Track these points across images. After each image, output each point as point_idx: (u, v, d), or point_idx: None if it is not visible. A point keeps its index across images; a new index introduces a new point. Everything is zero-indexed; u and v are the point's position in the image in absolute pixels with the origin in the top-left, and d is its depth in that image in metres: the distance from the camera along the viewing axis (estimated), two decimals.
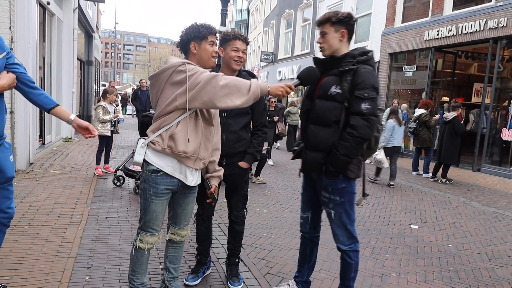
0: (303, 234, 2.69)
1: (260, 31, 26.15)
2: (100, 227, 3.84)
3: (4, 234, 2.39)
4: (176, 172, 2.20)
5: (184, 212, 2.41)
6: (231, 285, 2.82)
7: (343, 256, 2.46)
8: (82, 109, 13.43)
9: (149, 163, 2.18)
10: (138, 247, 2.28)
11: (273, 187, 6.50)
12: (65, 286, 2.61)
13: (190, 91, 2.05)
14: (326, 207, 2.45)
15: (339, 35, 2.32)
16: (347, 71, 2.24)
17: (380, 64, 12.56)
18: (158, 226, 2.29)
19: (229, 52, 2.62)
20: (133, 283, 2.35)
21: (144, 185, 2.23)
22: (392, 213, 5.35)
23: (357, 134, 2.19)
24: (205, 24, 2.26)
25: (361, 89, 2.20)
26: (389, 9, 12.29)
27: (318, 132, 2.33)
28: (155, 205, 2.22)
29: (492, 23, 8.71)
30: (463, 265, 3.68)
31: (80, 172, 6.23)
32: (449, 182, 7.76)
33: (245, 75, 2.75)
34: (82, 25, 12.36)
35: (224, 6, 7.26)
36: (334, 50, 2.34)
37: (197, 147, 2.20)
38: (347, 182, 2.37)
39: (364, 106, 2.19)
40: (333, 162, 2.26)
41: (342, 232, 2.42)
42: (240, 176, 2.80)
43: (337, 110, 2.26)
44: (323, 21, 2.34)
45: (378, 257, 3.71)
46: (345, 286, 2.50)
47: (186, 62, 2.11)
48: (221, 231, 3.98)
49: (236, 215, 2.88)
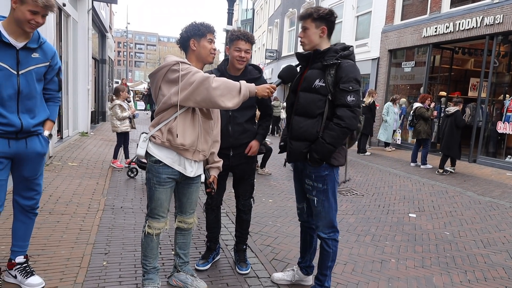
0: (302, 223, 2.70)
1: (264, 29, 25.98)
2: (116, 216, 3.88)
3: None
4: (175, 164, 2.24)
5: (188, 201, 2.44)
6: (239, 270, 2.84)
7: (322, 244, 2.42)
8: (97, 105, 13.50)
9: (151, 154, 2.22)
10: (147, 232, 2.32)
11: (278, 178, 6.52)
12: (84, 270, 2.66)
13: (183, 91, 2.08)
14: (309, 194, 2.41)
15: (319, 31, 2.30)
16: (330, 65, 2.24)
17: (380, 60, 12.44)
18: (164, 213, 2.32)
19: (232, 51, 2.63)
20: (146, 267, 2.39)
21: (148, 174, 2.28)
22: (391, 203, 5.34)
23: (344, 125, 2.20)
24: (204, 23, 2.28)
25: (346, 82, 2.19)
26: (388, 7, 12.14)
27: (301, 122, 2.32)
28: (159, 193, 2.25)
29: (488, 19, 8.57)
30: (459, 251, 3.67)
31: (96, 165, 6.29)
32: (446, 173, 7.71)
33: (251, 69, 2.75)
34: (96, 25, 12.37)
35: (230, 6, 7.21)
36: (314, 45, 2.33)
37: (195, 140, 2.23)
38: (330, 170, 2.34)
39: (350, 99, 2.20)
40: (319, 150, 2.24)
41: (323, 219, 2.39)
42: (247, 165, 2.81)
43: (321, 102, 2.26)
44: (305, 16, 2.31)
45: (378, 244, 3.72)
46: (322, 275, 2.45)
47: (180, 61, 2.12)
48: (229, 219, 4.00)
49: (244, 204, 2.89)
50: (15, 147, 2.19)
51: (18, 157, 2.23)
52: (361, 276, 3.01)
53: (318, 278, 2.49)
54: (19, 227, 2.40)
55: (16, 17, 2.05)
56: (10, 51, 2.09)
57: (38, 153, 2.30)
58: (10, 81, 2.09)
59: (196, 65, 2.27)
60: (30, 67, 2.17)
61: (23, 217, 2.39)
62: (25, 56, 2.14)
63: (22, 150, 2.22)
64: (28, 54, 2.16)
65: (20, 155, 2.23)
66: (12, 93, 2.11)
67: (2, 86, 2.08)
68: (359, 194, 5.70)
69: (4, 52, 2.07)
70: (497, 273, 3.22)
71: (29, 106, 2.21)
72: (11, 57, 2.09)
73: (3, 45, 2.07)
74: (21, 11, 2.03)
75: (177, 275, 2.53)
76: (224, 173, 2.70)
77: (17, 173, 2.30)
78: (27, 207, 2.38)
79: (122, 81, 18.24)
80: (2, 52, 2.07)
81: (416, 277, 3.06)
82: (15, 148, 2.19)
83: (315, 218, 2.44)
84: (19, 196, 2.35)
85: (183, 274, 2.52)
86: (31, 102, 2.22)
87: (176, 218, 2.50)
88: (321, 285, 2.47)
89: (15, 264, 2.41)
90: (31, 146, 2.25)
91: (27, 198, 2.36)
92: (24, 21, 2.05)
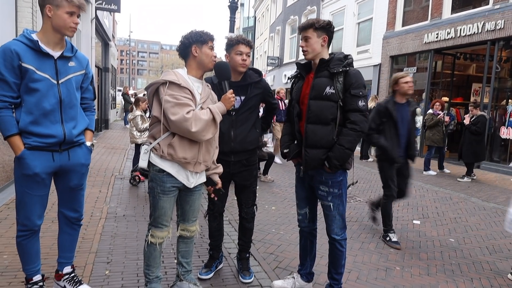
0: (302, 229, 2.70)
1: (266, 37, 26.12)
2: (119, 224, 3.87)
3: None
4: (178, 175, 2.24)
5: (191, 208, 2.43)
6: (243, 279, 2.82)
7: (336, 246, 2.48)
8: (100, 112, 13.56)
9: (154, 164, 2.23)
10: (150, 242, 2.30)
11: (281, 185, 6.49)
12: (87, 279, 2.64)
13: (164, 117, 2.14)
14: (324, 200, 2.46)
15: (321, 40, 2.38)
16: (339, 73, 2.32)
17: (381, 67, 12.46)
18: (167, 222, 2.31)
19: (234, 56, 2.62)
20: (149, 277, 2.37)
21: (152, 184, 2.27)
22: (395, 209, 5.29)
23: (359, 129, 2.30)
24: (205, 31, 2.32)
25: (356, 88, 2.30)
26: (389, 13, 12.19)
27: (317, 131, 2.37)
28: (163, 201, 2.25)
29: (489, 25, 8.58)
30: (465, 258, 3.63)
31: (99, 173, 6.29)
32: (469, 179, 7.56)
33: (251, 73, 2.76)
34: (99, 34, 12.49)
35: (232, 14, 7.29)
36: (316, 54, 2.40)
37: (196, 152, 2.24)
38: (344, 175, 2.45)
39: (361, 103, 2.31)
40: (338, 156, 2.31)
41: (338, 222, 2.46)
42: (249, 172, 2.79)
43: (333, 108, 2.34)
44: (306, 26, 2.39)
45: (382, 251, 3.68)
46: (338, 274, 2.53)
47: (170, 81, 2.13)
48: (232, 227, 3.98)
49: (246, 212, 2.87)
50: (59, 160, 2.18)
51: (62, 169, 2.22)
52: (366, 284, 2.98)
53: (334, 278, 2.53)
54: (65, 239, 2.42)
55: (55, 25, 2.05)
56: (49, 61, 2.09)
57: (82, 164, 2.30)
58: (52, 90, 2.09)
59: (196, 72, 2.30)
60: (69, 76, 2.17)
61: (68, 229, 2.40)
62: (63, 65, 2.14)
63: (65, 162, 2.21)
64: (65, 63, 2.16)
65: (64, 168, 2.22)
66: (55, 103, 2.11)
67: (44, 97, 2.07)
68: (362, 201, 5.67)
69: (44, 63, 2.07)
70: (504, 281, 3.18)
71: (71, 115, 2.20)
72: (50, 67, 2.09)
73: (42, 56, 2.06)
74: (59, 16, 2.03)
75: (180, 284, 2.51)
76: (225, 180, 2.68)
77: (62, 185, 2.30)
78: (73, 219, 2.39)
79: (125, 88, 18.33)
80: (41, 62, 2.06)
81: (422, 285, 3.02)
82: (58, 161, 2.18)
83: (329, 223, 2.48)
84: (65, 208, 2.36)
85: (186, 283, 2.49)
86: (73, 111, 2.22)
87: (178, 227, 2.48)
88: (338, 283, 2.53)
89: (62, 275, 2.43)
90: (74, 158, 2.24)
91: (73, 210, 2.37)
92: (65, 26, 2.05)
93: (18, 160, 2.09)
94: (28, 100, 2.06)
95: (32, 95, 2.05)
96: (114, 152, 8.73)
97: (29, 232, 2.20)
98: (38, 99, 2.06)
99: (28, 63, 2.01)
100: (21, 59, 1.99)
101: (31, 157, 2.08)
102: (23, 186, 2.12)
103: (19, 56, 1.99)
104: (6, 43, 2.03)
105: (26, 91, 2.05)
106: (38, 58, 2.05)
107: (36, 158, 2.09)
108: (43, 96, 2.07)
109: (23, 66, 2.00)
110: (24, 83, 2.04)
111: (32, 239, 2.23)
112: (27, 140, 2.07)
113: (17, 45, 2.01)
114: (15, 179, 2.15)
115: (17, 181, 2.14)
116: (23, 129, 2.06)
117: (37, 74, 2.04)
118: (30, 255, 2.25)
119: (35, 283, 2.29)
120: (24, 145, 2.07)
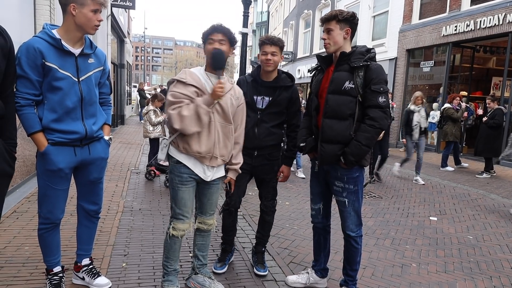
0: (315, 225, 2.68)
1: (280, 31, 25.95)
2: (135, 217, 3.93)
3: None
4: (195, 168, 2.29)
5: (209, 202, 2.45)
6: (257, 271, 2.83)
7: (351, 242, 2.45)
8: (116, 108, 13.76)
9: (172, 156, 2.30)
10: (171, 234, 2.33)
11: (294, 180, 6.47)
12: (104, 271, 2.69)
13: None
14: (339, 196, 2.43)
15: (343, 32, 2.30)
16: (359, 67, 2.24)
17: (397, 61, 12.23)
18: (188, 213, 2.34)
19: (260, 56, 2.69)
20: (167, 269, 2.40)
21: (171, 175, 2.33)
22: (411, 205, 5.22)
23: (378, 126, 2.23)
24: None
25: (377, 84, 2.22)
26: (406, 6, 11.93)
27: (333, 125, 2.31)
28: (182, 192, 2.28)
29: (511, 17, 8.30)
30: (484, 256, 3.55)
31: (115, 167, 6.40)
32: (488, 175, 7.41)
33: (284, 77, 2.78)
34: (114, 31, 12.64)
35: (246, 9, 7.23)
36: (338, 47, 2.32)
37: (211, 147, 2.26)
38: (360, 171, 2.40)
39: (381, 99, 2.23)
40: (355, 152, 2.25)
41: (353, 219, 2.42)
42: (270, 167, 2.82)
43: (352, 103, 2.27)
44: (329, 18, 2.30)
45: (398, 247, 3.63)
46: (353, 270, 2.50)
47: (177, 79, 2.24)
48: (245, 222, 4.00)
49: (266, 205, 2.90)
50: (80, 155, 2.22)
51: (83, 163, 2.27)
52: (381, 280, 2.94)
53: (348, 274, 2.52)
54: (84, 232, 2.48)
55: (78, 23, 2.06)
56: (70, 59, 2.09)
57: (102, 158, 2.35)
58: (73, 89, 2.11)
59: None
60: (89, 73, 2.19)
61: (87, 222, 2.46)
62: (83, 62, 2.16)
63: (86, 156, 2.25)
64: (85, 60, 2.17)
65: (85, 162, 2.26)
66: (76, 100, 2.13)
67: (67, 95, 2.09)
68: (377, 196, 5.60)
69: (65, 61, 2.08)
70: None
71: (91, 112, 2.24)
72: (71, 65, 2.10)
73: (63, 54, 2.06)
74: (84, 15, 2.04)
75: (195, 277, 2.54)
76: (245, 173, 2.70)
77: (82, 179, 2.35)
78: (92, 212, 2.45)
79: (140, 85, 18.52)
80: (63, 60, 2.06)
81: (439, 282, 2.97)
82: (80, 155, 2.22)
83: (344, 219, 2.45)
84: (84, 202, 2.41)
85: (201, 277, 2.52)
86: (93, 108, 2.25)
87: (196, 219, 2.51)
88: (352, 280, 2.51)
89: (81, 266, 2.50)
90: (94, 152, 2.28)
91: (92, 203, 2.43)
92: (89, 24, 2.07)
93: (42, 156, 2.12)
94: (51, 98, 2.08)
95: (55, 94, 2.07)
96: (130, 147, 8.86)
97: (51, 225, 2.25)
98: (61, 98, 2.08)
99: (51, 61, 2.02)
100: (44, 57, 2.00)
101: (55, 153, 2.12)
102: (46, 181, 2.16)
103: (42, 54, 2.00)
104: (29, 41, 2.03)
105: (48, 89, 2.07)
106: (60, 56, 2.06)
107: (60, 154, 2.13)
108: (65, 95, 2.09)
109: (47, 64, 2.01)
110: (47, 82, 2.05)
111: (53, 232, 2.29)
112: (51, 136, 2.11)
113: (40, 43, 2.01)
114: (38, 174, 2.19)
115: (40, 176, 2.18)
116: (46, 127, 2.10)
117: (59, 72, 2.05)
118: (51, 247, 2.31)
119: (55, 274, 2.35)
120: (47, 141, 2.10)
